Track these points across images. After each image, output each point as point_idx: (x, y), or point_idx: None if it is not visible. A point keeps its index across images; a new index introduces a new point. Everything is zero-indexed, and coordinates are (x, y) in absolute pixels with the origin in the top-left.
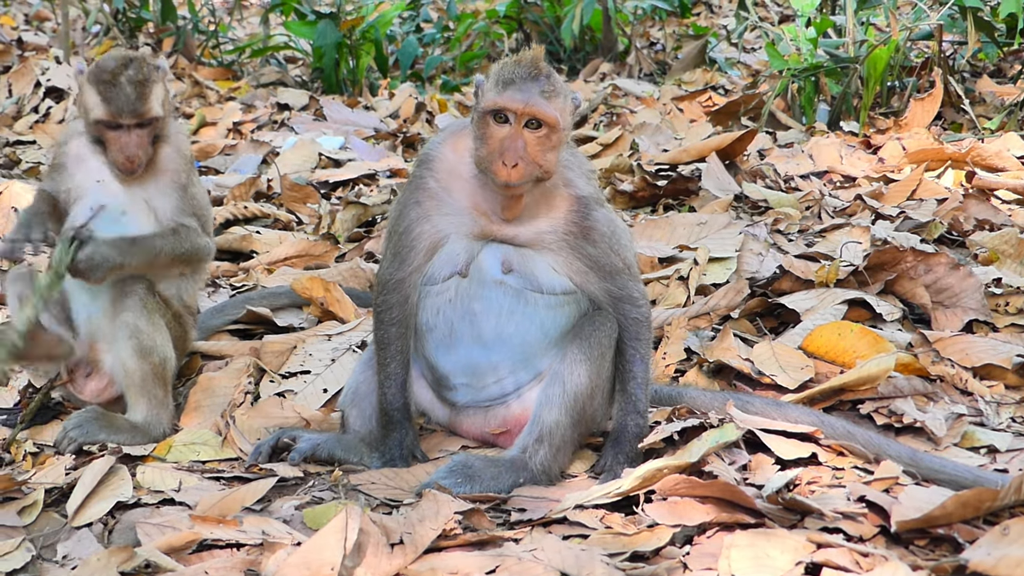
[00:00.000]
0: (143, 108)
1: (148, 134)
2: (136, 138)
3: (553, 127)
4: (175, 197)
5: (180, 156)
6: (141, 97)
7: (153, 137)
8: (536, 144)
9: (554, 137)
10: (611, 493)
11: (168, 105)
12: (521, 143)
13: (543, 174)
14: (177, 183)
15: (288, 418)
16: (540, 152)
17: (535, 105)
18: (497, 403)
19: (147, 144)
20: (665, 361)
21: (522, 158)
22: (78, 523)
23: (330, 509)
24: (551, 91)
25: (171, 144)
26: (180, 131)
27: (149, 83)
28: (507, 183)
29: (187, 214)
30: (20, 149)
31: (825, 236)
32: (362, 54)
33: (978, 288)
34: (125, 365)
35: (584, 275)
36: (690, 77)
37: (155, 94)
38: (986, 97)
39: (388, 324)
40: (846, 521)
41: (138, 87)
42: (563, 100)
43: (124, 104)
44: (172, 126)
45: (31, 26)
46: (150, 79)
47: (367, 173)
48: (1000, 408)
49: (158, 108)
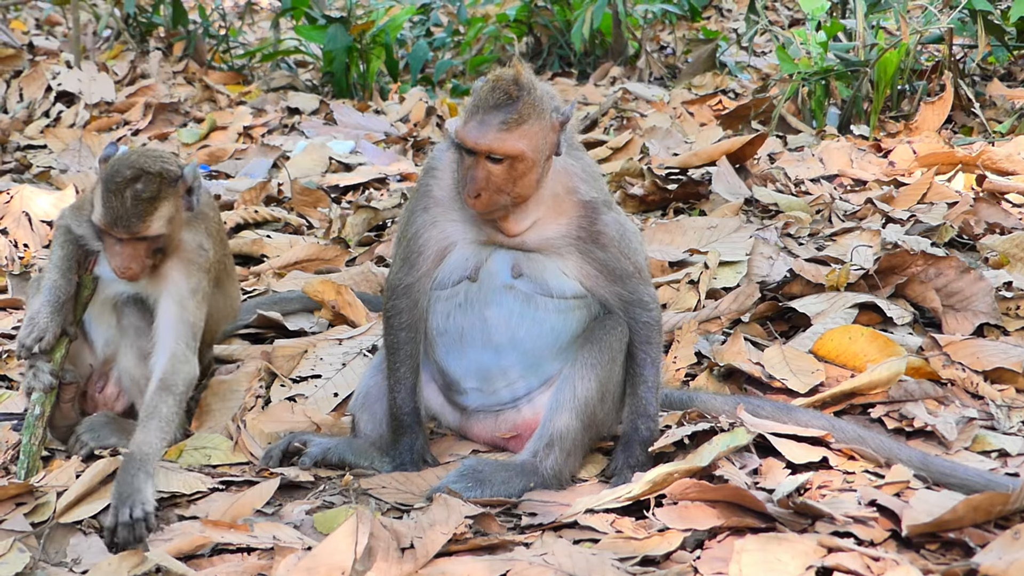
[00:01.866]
0: (139, 227)
1: (146, 248)
2: (130, 250)
3: (516, 158)
4: (173, 313)
5: (194, 265)
6: (141, 215)
7: (156, 249)
8: (501, 175)
9: (519, 167)
10: (621, 497)
11: (178, 220)
12: (483, 175)
13: (515, 199)
14: (178, 297)
15: (299, 422)
16: (506, 182)
17: (491, 142)
18: (508, 407)
19: (143, 257)
20: (675, 365)
21: (484, 189)
22: (67, 520)
23: (341, 514)
24: (515, 120)
25: (183, 256)
26: (199, 239)
27: (156, 201)
28: (476, 211)
29: (181, 337)
30: (31, 153)
31: (835, 240)
32: (372, 58)
33: (989, 292)
34: (133, 377)
35: (594, 279)
36: (700, 81)
37: (160, 212)
38: (996, 101)
39: (398, 329)
40: (857, 525)
41: (141, 204)
42: (533, 124)
43: (121, 219)
44: (189, 237)
45: (42, 30)
46: (158, 197)
47: (377, 177)
48: (1011, 412)
49: (160, 227)
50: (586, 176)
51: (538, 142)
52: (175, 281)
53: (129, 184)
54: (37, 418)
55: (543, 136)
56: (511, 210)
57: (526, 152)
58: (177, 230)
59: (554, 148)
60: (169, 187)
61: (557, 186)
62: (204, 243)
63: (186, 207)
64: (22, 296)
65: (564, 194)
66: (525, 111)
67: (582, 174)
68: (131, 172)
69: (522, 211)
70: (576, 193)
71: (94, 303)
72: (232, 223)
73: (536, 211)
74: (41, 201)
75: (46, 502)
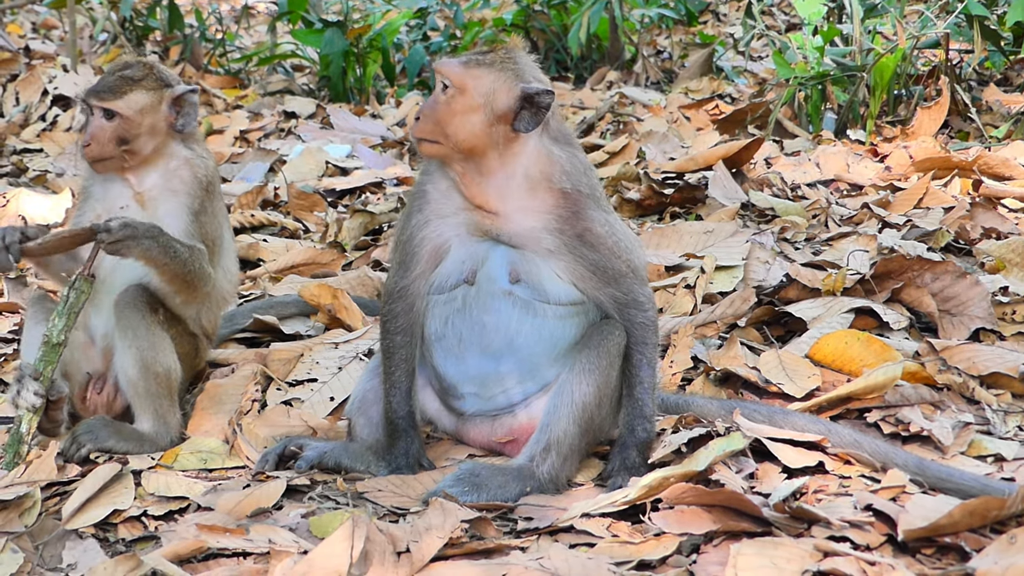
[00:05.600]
0: (108, 96)
1: (112, 130)
2: (98, 126)
3: (460, 90)
4: (185, 220)
5: (195, 181)
6: (113, 88)
7: (123, 141)
8: (444, 105)
9: (459, 102)
10: (618, 502)
11: (151, 121)
12: (432, 101)
13: (445, 140)
14: (189, 208)
15: (295, 426)
16: (446, 115)
17: (444, 65)
18: (504, 412)
19: (107, 139)
20: (672, 369)
21: (425, 114)
22: (73, 526)
23: (337, 517)
24: (479, 63)
25: (182, 166)
26: (200, 157)
27: (135, 84)
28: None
29: (196, 238)
30: (27, 157)
31: (832, 244)
32: (369, 62)
33: (985, 297)
34: (129, 377)
35: (587, 280)
36: (697, 85)
37: (134, 95)
38: (993, 105)
39: (394, 332)
40: (853, 530)
41: (119, 80)
42: (490, 74)
43: (95, 86)
44: (186, 150)
45: (38, 34)
46: (138, 81)
47: (374, 181)
48: (1007, 417)
49: (127, 106)
50: (570, 168)
51: (489, 89)
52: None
53: (124, 66)
54: (22, 435)
55: (497, 89)
56: (467, 168)
57: (470, 88)
58: (148, 131)
59: (513, 115)
60: (155, 81)
61: (533, 168)
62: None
63: (170, 120)
64: (18, 300)
65: (540, 178)
66: (492, 60)
67: (566, 165)
68: (131, 60)
69: (487, 179)
70: (551, 179)
71: (94, 296)
72: None
73: (507, 186)
74: (37, 205)
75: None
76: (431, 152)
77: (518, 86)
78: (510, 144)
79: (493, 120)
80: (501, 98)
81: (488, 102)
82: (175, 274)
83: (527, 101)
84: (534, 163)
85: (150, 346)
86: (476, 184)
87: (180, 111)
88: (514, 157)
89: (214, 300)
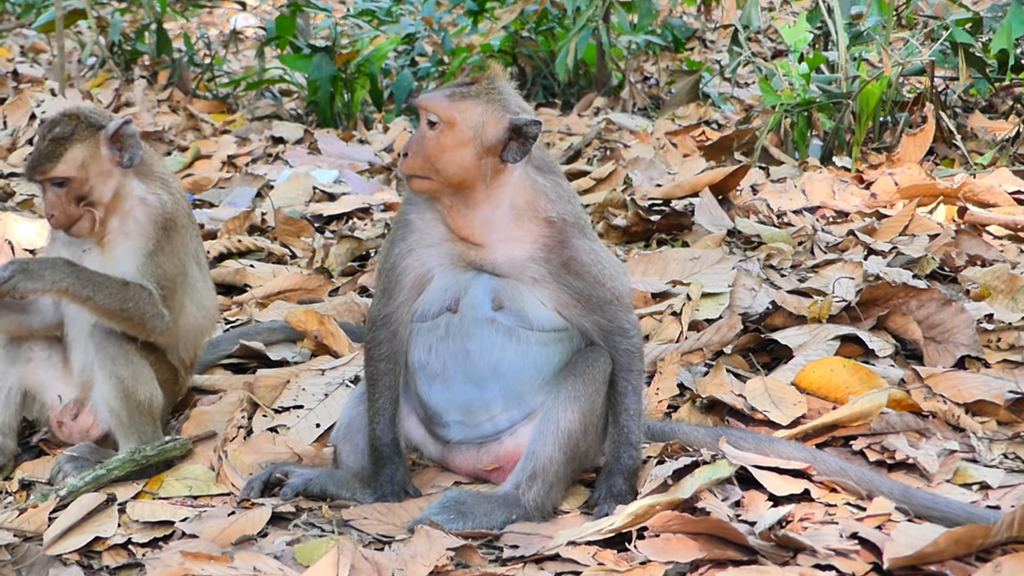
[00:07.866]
0: (47, 167)
1: (67, 195)
2: (53, 196)
3: (448, 124)
4: (138, 261)
5: (150, 222)
6: (50, 156)
7: (82, 199)
8: (432, 140)
9: (448, 136)
10: (604, 529)
11: (96, 168)
12: (419, 137)
13: (436, 175)
14: (143, 249)
15: (281, 453)
16: (436, 151)
17: (430, 101)
18: (490, 439)
19: (65, 204)
20: (658, 396)
21: (413, 151)
22: (55, 552)
23: (322, 545)
24: (464, 95)
25: (137, 206)
26: (155, 194)
27: (68, 142)
28: (403, 173)
29: (148, 278)
30: (15, 181)
31: (818, 271)
32: (357, 88)
33: (970, 324)
34: (111, 406)
35: (571, 308)
36: (683, 112)
37: (71, 154)
38: (978, 132)
39: (377, 360)
40: (839, 558)
41: (51, 145)
42: (479, 106)
43: (33, 160)
44: (141, 187)
45: (27, 58)
46: (71, 138)
47: (361, 207)
48: (992, 444)
49: (68, 168)
50: (555, 197)
51: (478, 122)
52: (136, 235)
53: (51, 127)
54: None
55: (487, 122)
56: (455, 202)
57: (457, 122)
58: (99, 180)
59: (502, 146)
60: (86, 130)
61: (518, 198)
62: (150, 196)
63: (114, 160)
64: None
65: (525, 207)
66: (477, 92)
67: (551, 193)
68: (56, 116)
69: (474, 211)
70: (536, 209)
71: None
72: (215, 252)
73: (493, 218)
74: (24, 229)
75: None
76: (422, 188)
77: (506, 117)
78: (497, 175)
79: (482, 153)
80: (490, 130)
81: (477, 135)
82: (107, 310)
83: (515, 132)
84: (520, 193)
85: (131, 375)
86: (463, 216)
87: (122, 147)
88: (500, 188)
89: (188, 334)
